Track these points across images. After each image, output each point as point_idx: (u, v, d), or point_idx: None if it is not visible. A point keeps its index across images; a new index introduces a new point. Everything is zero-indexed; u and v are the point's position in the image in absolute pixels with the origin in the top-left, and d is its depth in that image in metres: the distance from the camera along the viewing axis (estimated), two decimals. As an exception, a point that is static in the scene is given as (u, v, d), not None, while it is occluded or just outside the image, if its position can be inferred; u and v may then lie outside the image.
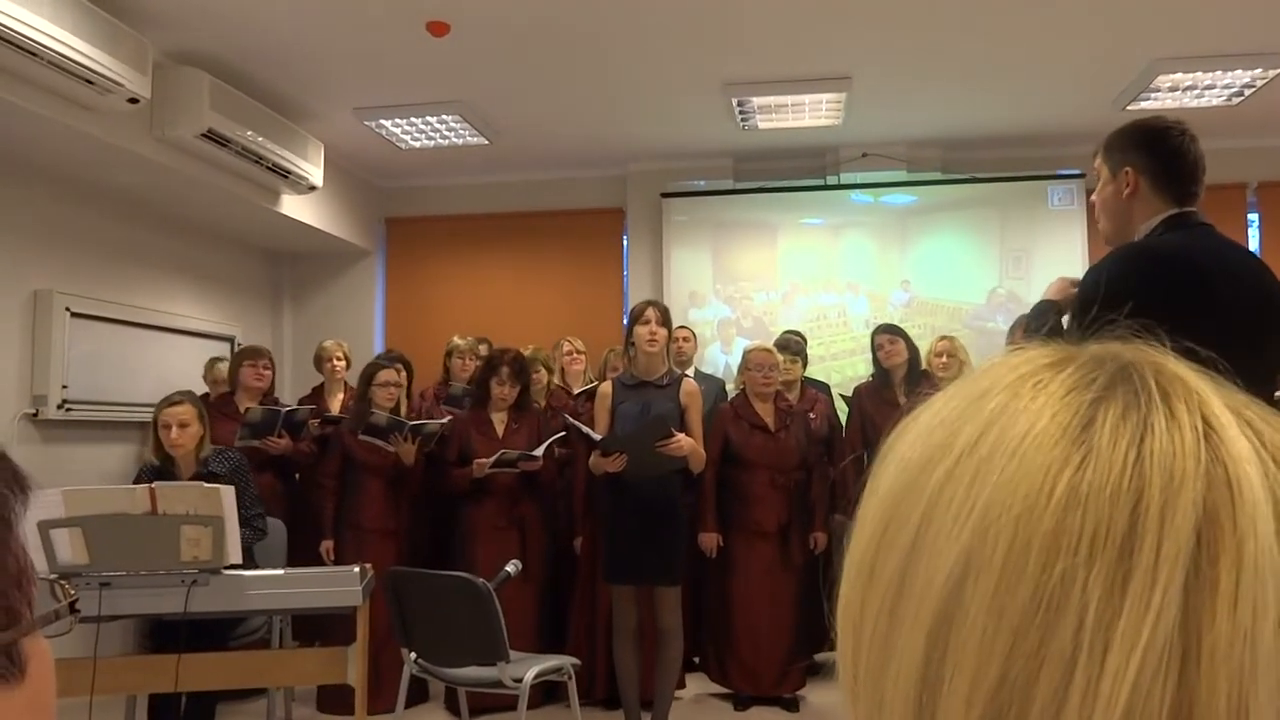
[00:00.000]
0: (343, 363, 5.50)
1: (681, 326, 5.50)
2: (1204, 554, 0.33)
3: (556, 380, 5.41)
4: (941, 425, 0.39)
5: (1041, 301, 2.28)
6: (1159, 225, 2.04)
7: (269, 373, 5.04)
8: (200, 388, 5.29)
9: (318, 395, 5.54)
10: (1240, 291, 1.91)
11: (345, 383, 5.53)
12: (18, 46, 3.63)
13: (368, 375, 4.74)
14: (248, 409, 4.78)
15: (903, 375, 4.90)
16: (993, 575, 0.34)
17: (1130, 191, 2.07)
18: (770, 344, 5.03)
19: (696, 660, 4.84)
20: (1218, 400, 0.37)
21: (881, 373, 5.04)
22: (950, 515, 0.36)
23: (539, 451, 4.43)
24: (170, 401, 3.93)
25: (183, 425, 3.86)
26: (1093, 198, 2.20)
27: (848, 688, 0.40)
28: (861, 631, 0.39)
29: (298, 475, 5.12)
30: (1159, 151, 2.05)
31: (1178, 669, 0.31)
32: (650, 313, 4.01)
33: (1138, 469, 0.34)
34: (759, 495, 4.59)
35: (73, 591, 0.61)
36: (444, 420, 4.78)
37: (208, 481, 3.76)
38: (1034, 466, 0.35)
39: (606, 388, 4.16)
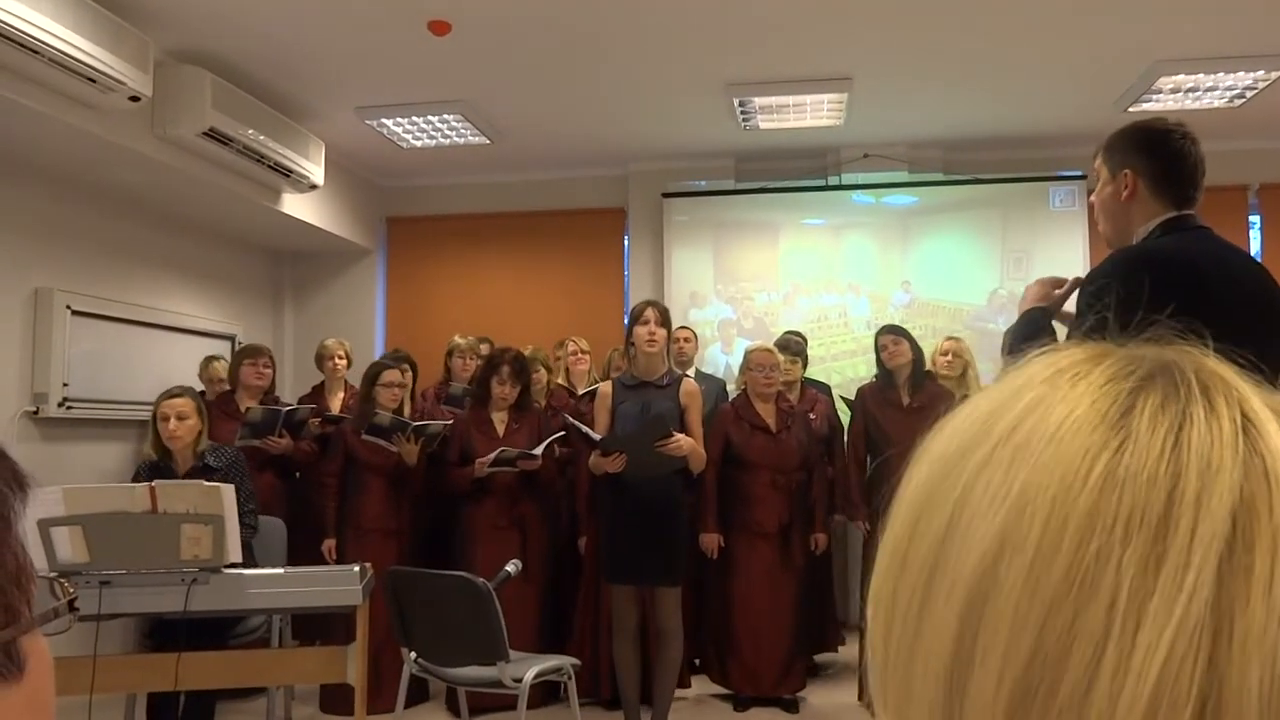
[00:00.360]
0: (344, 362, 5.50)
1: (683, 327, 5.50)
2: (1239, 540, 0.33)
3: (560, 380, 5.41)
4: (978, 419, 0.40)
5: (1032, 310, 2.23)
6: (1157, 228, 2.03)
7: (269, 371, 5.04)
8: (197, 387, 5.28)
9: (318, 394, 5.53)
10: (1240, 294, 1.90)
11: (346, 382, 5.53)
12: (19, 44, 3.63)
13: (372, 375, 4.74)
14: (248, 408, 4.78)
15: (906, 376, 4.88)
16: (1028, 553, 0.35)
17: (1129, 194, 2.05)
18: (771, 344, 5.03)
19: (697, 662, 4.84)
20: (1257, 398, 0.37)
21: (885, 374, 5.01)
22: (987, 498, 0.37)
23: (538, 451, 4.43)
24: (169, 394, 3.96)
25: (181, 417, 3.88)
26: (1092, 198, 2.19)
27: (877, 676, 0.41)
28: (893, 617, 0.39)
29: (298, 474, 5.12)
30: (1159, 154, 2.04)
31: (1209, 648, 0.32)
32: (650, 313, 4.01)
33: (1175, 455, 0.35)
34: (760, 496, 4.59)
35: (72, 590, 0.61)
36: (448, 421, 4.78)
37: (204, 476, 3.78)
38: (1072, 449, 0.36)
39: (606, 388, 4.16)
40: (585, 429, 4.08)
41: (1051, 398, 0.38)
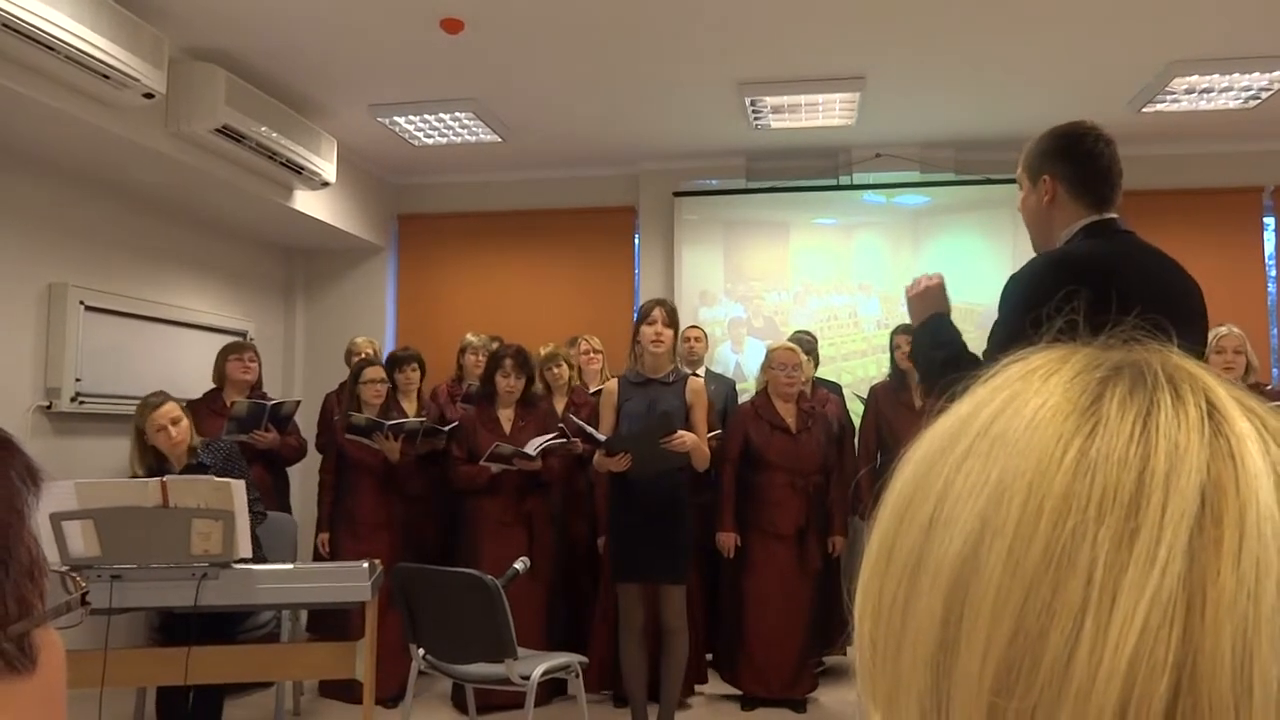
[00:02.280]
0: None
1: (693, 326, 5.49)
2: (1208, 515, 0.34)
3: (578, 379, 5.41)
4: (958, 418, 0.42)
5: (937, 317, 2.26)
6: (1078, 232, 2.08)
7: (255, 366, 5.05)
8: (208, 384, 5.28)
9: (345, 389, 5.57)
10: (1156, 295, 1.93)
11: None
12: (36, 41, 3.65)
13: (354, 374, 4.86)
14: (233, 402, 4.80)
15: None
16: (1007, 535, 0.36)
17: (1049, 199, 2.12)
18: (793, 343, 5.00)
19: (709, 656, 4.83)
20: (1221, 388, 0.39)
21: (898, 374, 4.98)
22: (967, 486, 0.38)
23: (534, 451, 4.42)
24: (154, 404, 3.88)
25: (175, 422, 3.87)
26: (1018, 206, 2.24)
27: (865, 669, 0.42)
28: (880, 610, 0.41)
29: (289, 469, 5.16)
30: (1072, 158, 2.10)
31: (1183, 619, 0.33)
32: (657, 312, 4.01)
33: (1144, 438, 0.36)
34: (777, 498, 4.56)
35: (83, 583, 0.62)
36: (421, 418, 4.85)
37: (198, 473, 3.78)
38: (1046, 436, 0.37)
39: (612, 385, 4.17)
40: (589, 429, 4.09)
41: (1026, 392, 0.40)
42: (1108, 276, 1.88)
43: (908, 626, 0.39)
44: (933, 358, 2.22)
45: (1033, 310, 1.86)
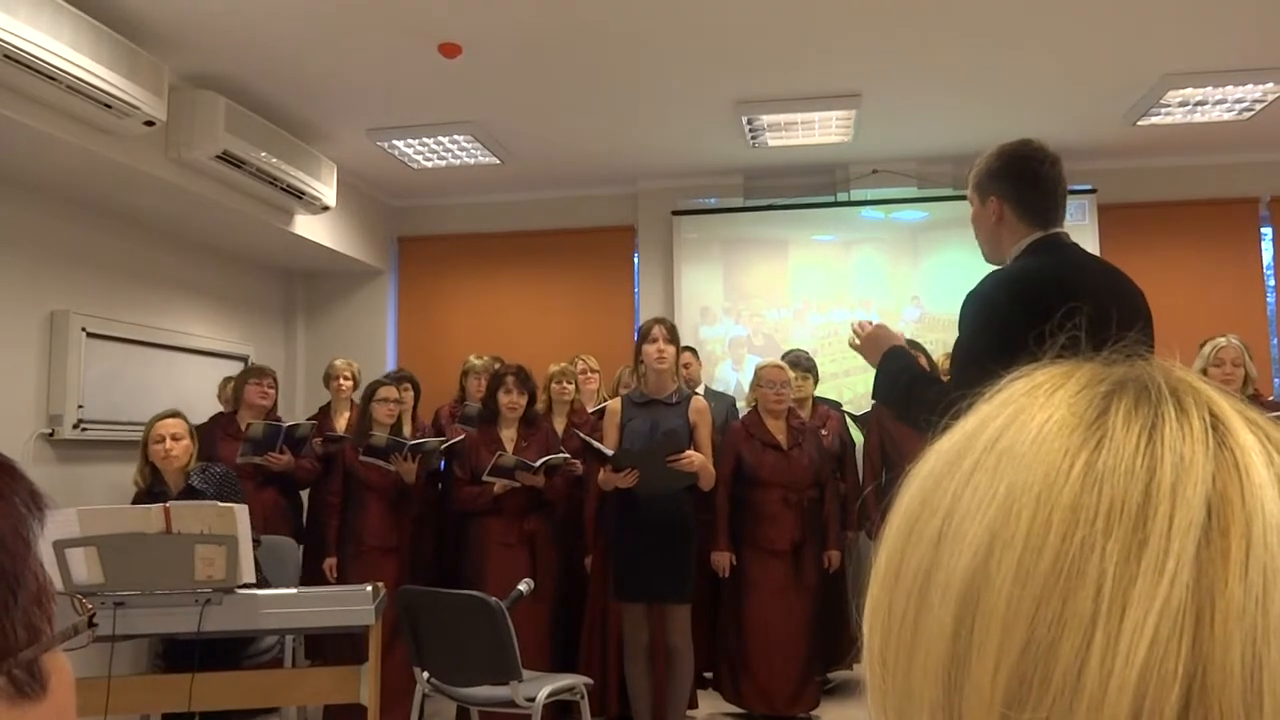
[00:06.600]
0: (349, 382, 5.52)
1: (684, 349, 5.44)
2: (1215, 526, 0.35)
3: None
4: (964, 434, 0.42)
5: (895, 350, 2.34)
6: (1027, 248, 2.17)
7: (273, 392, 5.06)
8: (215, 407, 5.30)
9: (325, 414, 5.56)
10: (1101, 300, 1.98)
11: (352, 402, 5.55)
12: (37, 71, 3.68)
13: (368, 393, 4.85)
14: (249, 424, 4.80)
15: None
16: (1016, 548, 0.36)
17: (997, 219, 2.20)
18: (789, 360, 5.02)
19: (708, 675, 4.81)
20: (1223, 401, 0.39)
21: None
22: (975, 501, 0.38)
23: (537, 464, 4.42)
24: (163, 415, 4.00)
25: (175, 438, 3.91)
26: (970, 219, 2.31)
27: (875, 685, 0.42)
28: (890, 625, 0.41)
29: (302, 492, 5.14)
30: (1017, 181, 2.18)
31: (1192, 629, 0.33)
32: (658, 331, 4.03)
33: (1150, 451, 0.37)
34: (771, 514, 4.56)
35: (90, 606, 0.62)
36: (442, 438, 4.83)
37: (192, 498, 3.77)
38: (1053, 450, 0.38)
39: (615, 405, 4.18)
40: (598, 445, 4.09)
41: (1031, 407, 0.40)
42: (1062, 289, 1.96)
43: (918, 641, 0.39)
44: (896, 382, 2.30)
45: (992, 327, 1.96)
